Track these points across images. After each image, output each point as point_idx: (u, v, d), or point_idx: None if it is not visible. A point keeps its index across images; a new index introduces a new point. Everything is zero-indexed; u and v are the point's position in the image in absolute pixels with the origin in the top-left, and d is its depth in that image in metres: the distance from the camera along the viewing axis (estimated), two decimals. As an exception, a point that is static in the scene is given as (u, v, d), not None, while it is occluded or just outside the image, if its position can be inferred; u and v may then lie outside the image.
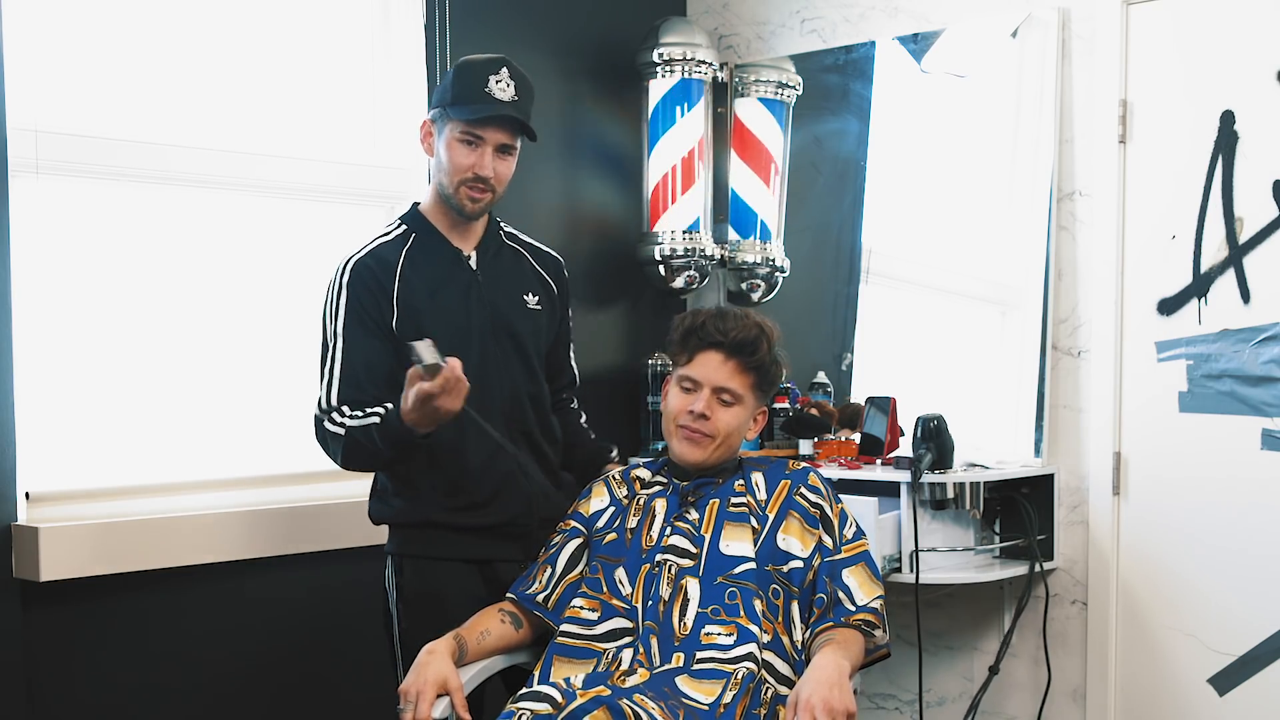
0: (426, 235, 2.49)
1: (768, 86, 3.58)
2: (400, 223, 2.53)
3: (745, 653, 2.20)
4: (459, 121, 2.41)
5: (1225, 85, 2.84)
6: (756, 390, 2.39)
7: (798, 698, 2.06)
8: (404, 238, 2.49)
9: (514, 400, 2.50)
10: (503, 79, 2.41)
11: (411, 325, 2.39)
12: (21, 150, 2.59)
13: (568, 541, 2.42)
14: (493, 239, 2.56)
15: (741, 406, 2.36)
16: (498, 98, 2.40)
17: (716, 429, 2.34)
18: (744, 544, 2.30)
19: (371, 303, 2.40)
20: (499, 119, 2.41)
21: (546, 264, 2.63)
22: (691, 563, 2.29)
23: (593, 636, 2.30)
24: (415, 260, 2.45)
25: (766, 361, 2.37)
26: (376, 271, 2.42)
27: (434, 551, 2.45)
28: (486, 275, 2.51)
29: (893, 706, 3.38)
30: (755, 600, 2.25)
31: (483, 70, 2.41)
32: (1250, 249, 2.82)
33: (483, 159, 2.42)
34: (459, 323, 2.45)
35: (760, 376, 2.38)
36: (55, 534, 2.56)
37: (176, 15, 2.87)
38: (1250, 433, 2.81)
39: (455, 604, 2.39)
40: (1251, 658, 2.83)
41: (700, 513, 2.34)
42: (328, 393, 2.38)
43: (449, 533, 2.44)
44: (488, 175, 2.42)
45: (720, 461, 2.39)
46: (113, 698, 2.72)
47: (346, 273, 2.43)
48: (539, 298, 2.58)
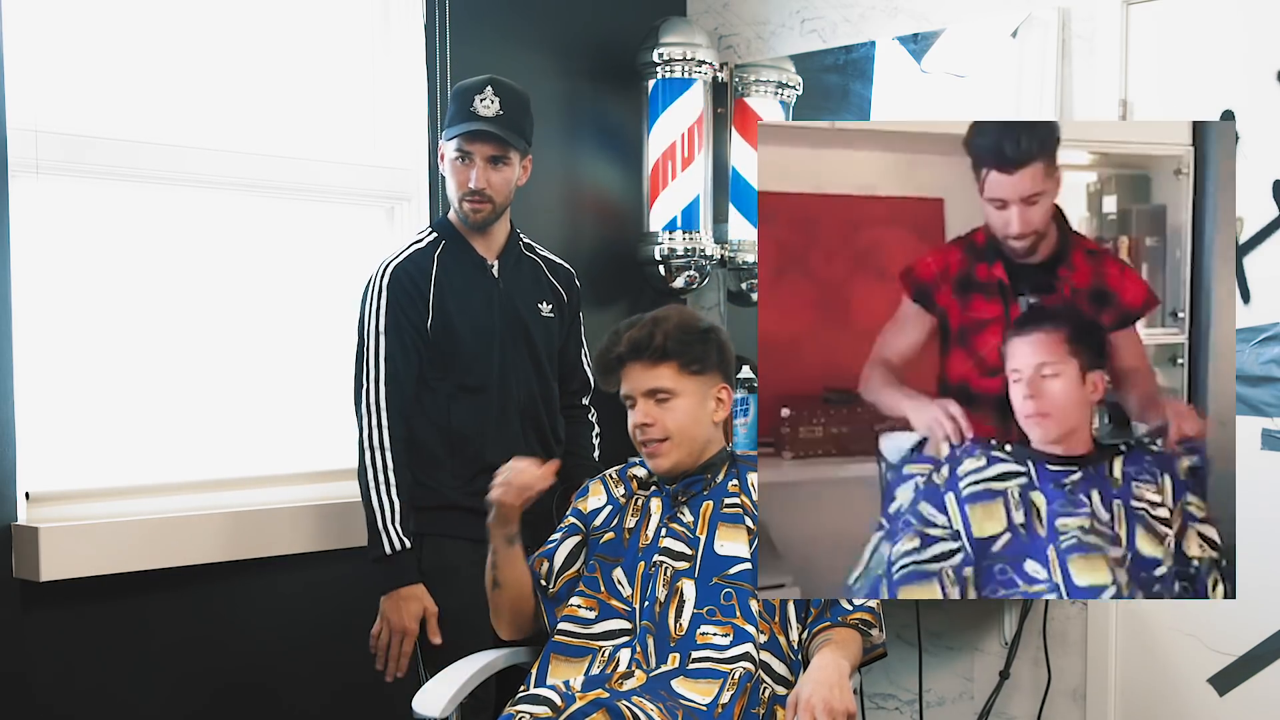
0: (455, 243, 2.71)
1: (768, 86, 3.58)
2: (431, 230, 2.75)
3: (741, 653, 2.20)
4: (450, 142, 2.65)
5: (1225, 85, 2.84)
6: (689, 373, 2.34)
7: (797, 698, 2.06)
8: (435, 244, 2.70)
9: (529, 399, 2.70)
10: (486, 97, 2.62)
11: (443, 327, 2.63)
12: (21, 150, 2.59)
13: (566, 538, 2.43)
14: (513, 249, 2.77)
15: (682, 397, 2.33)
16: (481, 115, 2.61)
17: (666, 428, 2.33)
18: (739, 545, 2.30)
19: (410, 305, 2.62)
20: (481, 134, 2.61)
21: (560, 275, 2.85)
22: (687, 565, 2.30)
23: (590, 635, 2.31)
24: (446, 266, 2.67)
25: (677, 344, 2.33)
26: (415, 276, 2.64)
27: (452, 531, 2.61)
28: (507, 283, 2.73)
29: (893, 706, 3.38)
30: (751, 600, 2.25)
31: (470, 92, 2.64)
32: (1250, 249, 2.82)
33: (474, 173, 2.62)
34: (482, 326, 2.67)
35: (683, 359, 2.33)
36: (55, 534, 2.56)
37: (177, 15, 2.87)
38: (1250, 433, 2.81)
39: (467, 577, 2.53)
40: (1251, 658, 2.83)
41: (694, 514, 2.35)
42: (375, 389, 2.58)
43: (467, 514, 2.56)
44: (481, 187, 2.63)
45: (695, 459, 2.37)
46: (113, 698, 2.72)
47: (386, 276, 2.64)
48: (552, 306, 2.78)
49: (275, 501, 2.93)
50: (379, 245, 3.09)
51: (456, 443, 2.63)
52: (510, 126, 2.63)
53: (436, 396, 2.63)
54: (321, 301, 3.07)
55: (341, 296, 2.98)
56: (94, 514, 2.68)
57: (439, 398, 2.63)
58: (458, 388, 2.64)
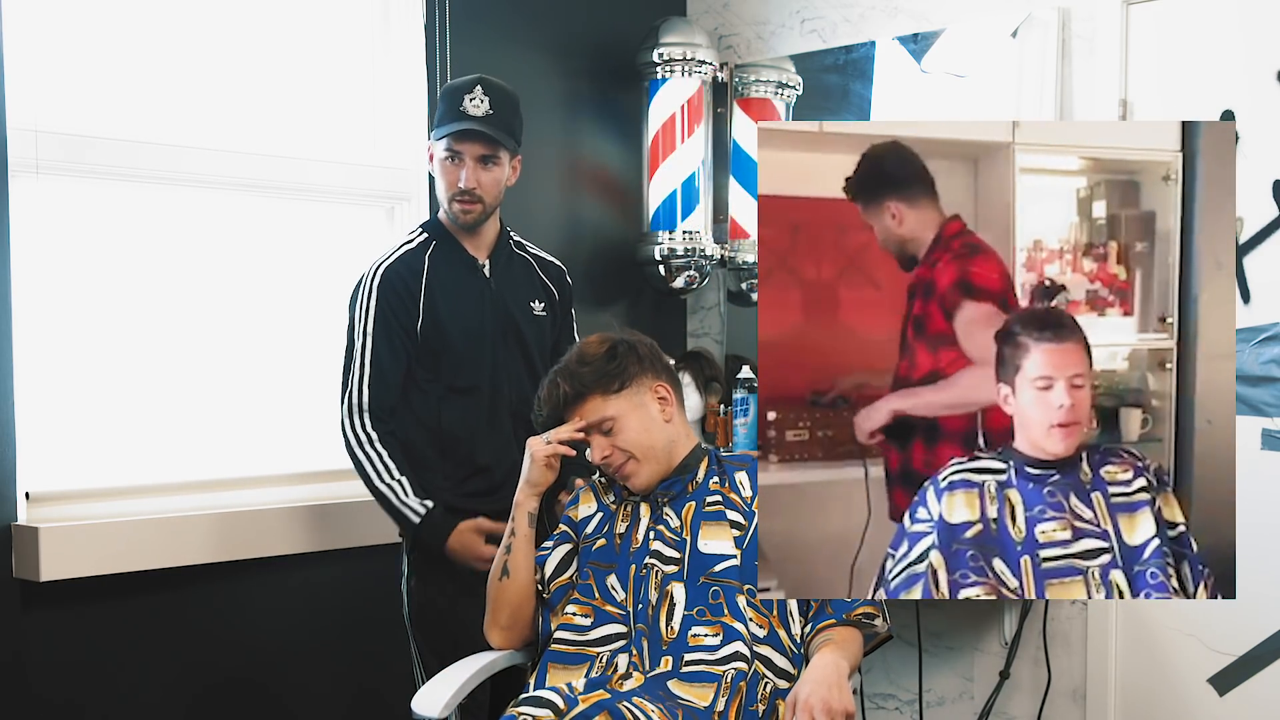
0: (446, 243, 2.68)
1: (768, 86, 3.59)
2: (422, 230, 2.72)
3: (732, 652, 2.21)
4: (440, 142, 2.63)
5: (1225, 85, 2.84)
6: (613, 394, 2.36)
7: (796, 698, 2.06)
8: (426, 244, 2.68)
9: (521, 399, 2.66)
10: (475, 96, 2.60)
11: (434, 327, 2.61)
12: (21, 150, 2.59)
13: (558, 545, 2.43)
14: (504, 248, 2.74)
15: (622, 417, 2.35)
16: (471, 114, 2.59)
17: (628, 448, 2.36)
18: (722, 541, 2.30)
19: (400, 306, 2.60)
20: (471, 134, 2.59)
21: (551, 273, 2.81)
22: (676, 568, 2.30)
23: (586, 642, 2.31)
24: (437, 266, 2.65)
25: (585, 379, 2.37)
26: (406, 277, 2.61)
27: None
28: (499, 282, 2.70)
29: (893, 706, 3.38)
30: (738, 597, 2.26)
31: (459, 91, 2.62)
32: (1250, 249, 2.82)
33: (463, 173, 2.60)
34: (474, 326, 2.64)
35: (600, 386, 2.36)
36: (55, 534, 2.56)
37: (177, 15, 2.87)
38: (1250, 433, 2.81)
39: (462, 572, 2.56)
40: (1251, 658, 2.83)
41: (678, 516, 2.35)
42: (359, 391, 2.57)
43: (461, 514, 2.58)
44: (471, 187, 2.61)
45: (668, 463, 2.38)
46: (113, 698, 2.72)
47: (377, 278, 2.61)
48: (544, 304, 2.76)
49: (275, 502, 2.93)
50: (379, 245, 3.09)
51: (448, 444, 2.62)
52: (500, 126, 2.61)
53: (427, 398, 2.62)
54: (321, 302, 3.07)
55: (340, 297, 2.96)
56: (94, 514, 2.68)
57: (429, 399, 2.62)
58: (448, 388, 2.63)
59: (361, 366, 2.58)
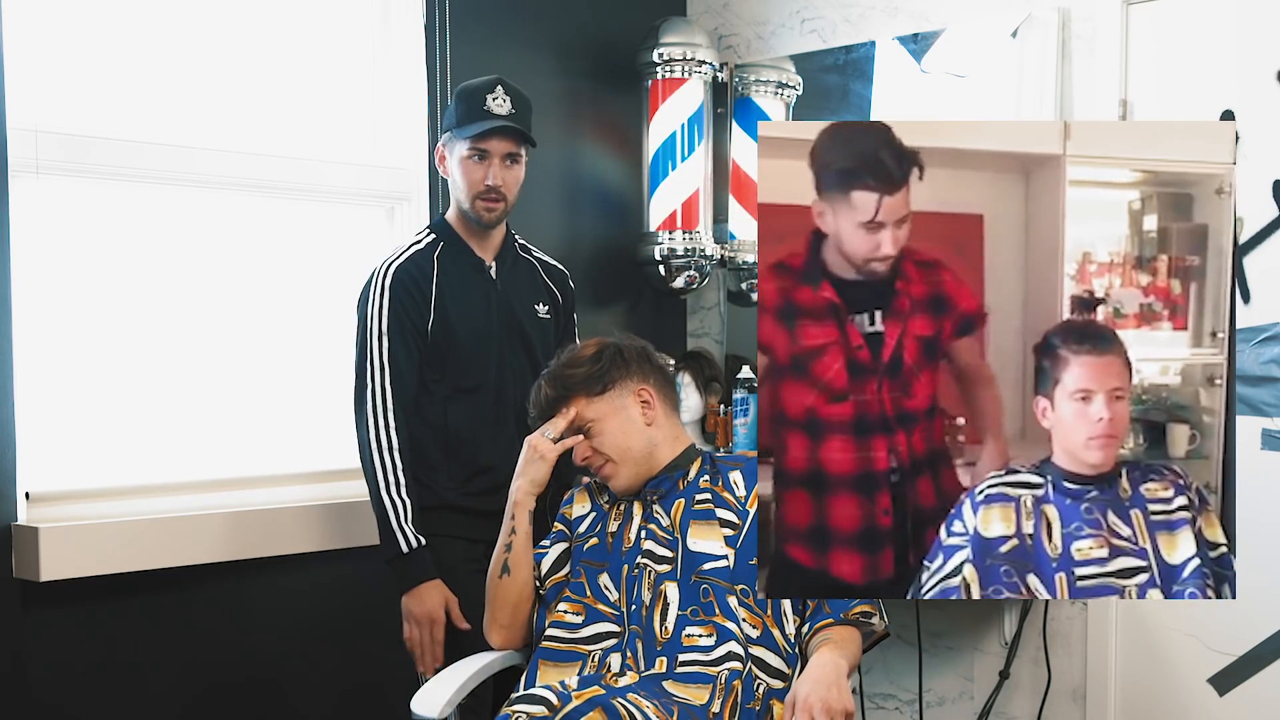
0: (453, 244, 2.70)
1: (768, 86, 3.59)
2: (430, 231, 2.74)
3: (726, 652, 2.21)
4: (465, 140, 2.62)
5: (1225, 85, 2.84)
6: (595, 396, 2.40)
7: (796, 697, 2.06)
8: (434, 245, 2.69)
9: (525, 401, 2.63)
10: (499, 95, 2.62)
11: (442, 328, 2.63)
12: (21, 150, 2.59)
13: (554, 544, 2.44)
14: (509, 250, 2.77)
15: (603, 420, 2.39)
16: (496, 113, 2.61)
17: (608, 452, 2.39)
18: (711, 541, 2.31)
19: (412, 305, 2.61)
20: (500, 130, 2.61)
21: (554, 277, 2.85)
22: (669, 568, 2.31)
23: (577, 640, 2.31)
24: (445, 267, 2.67)
25: (570, 382, 2.41)
26: (417, 277, 2.63)
27: (447, 531, 2.62)
28: (505, 284, 2.73)
29: (893, 706, 3.38)
30: (729, 596, 2.26)
31: (481, 91, 2.63)
32: (1250, 249, 2.82)
33: (491, 171, 2.61)
34: (481, 328, 2.67)
35: (584, 388, 2.41)
36: (55, 534, 2.56)
37: (177, 15, 2.87)
38: (1250, 433, 2.81)
39: (463, 575, 2.58)
40: (1251, 658, 2.83)
41: (668, 515, 2.35)
42: (381, 392, 2.57)
43: (461, 515, 2.62)
44: (498, 184, 2.63)
45: (649, 465, 2.39)
46: (113, 698, 2.72)
47: (387, 278, 2.62)
48: (548, 307, 2.79)
49: (275, 502, 2.93)
50: (379, 245, 3.10)
51: (453, 444, 2.63)
52: (524, 124, 2.65)
53: (433, 398, 2.63)
54: (322, 301, 3.08)
55: (342, 296, 2.97)
56: (94, 514, 2.68)
57: (435, 399, 2.63)
58: (453, 389, 2.64)
59: (381, 366, 2.58)
